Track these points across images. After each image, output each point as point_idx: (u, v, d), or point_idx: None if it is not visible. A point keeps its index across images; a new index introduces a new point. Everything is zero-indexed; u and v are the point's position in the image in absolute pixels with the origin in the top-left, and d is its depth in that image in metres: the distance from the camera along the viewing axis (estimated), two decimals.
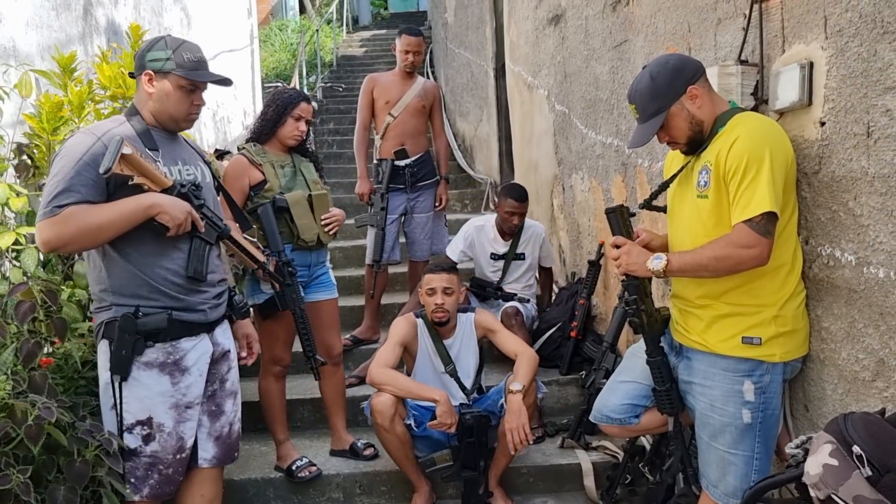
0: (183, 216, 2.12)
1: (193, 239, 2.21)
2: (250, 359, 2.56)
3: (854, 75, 1.73)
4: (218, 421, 2.35)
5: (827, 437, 1.25)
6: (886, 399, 1.71)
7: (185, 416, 2.21)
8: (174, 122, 2.25)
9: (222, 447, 2.37)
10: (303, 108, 3.10)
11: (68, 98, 2.87)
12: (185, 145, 2.37)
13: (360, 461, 3.23)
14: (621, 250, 2.11)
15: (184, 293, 2.20)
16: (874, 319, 1.73)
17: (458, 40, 8.43)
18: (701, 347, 2.08)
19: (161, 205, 2.08)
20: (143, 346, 2.13)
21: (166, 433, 2.17)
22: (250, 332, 2.58)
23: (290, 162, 3.11)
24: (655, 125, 2.03)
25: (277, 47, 13.36)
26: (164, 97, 2.20)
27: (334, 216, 3.14)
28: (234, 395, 2.42)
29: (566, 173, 4.31)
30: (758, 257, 1.86)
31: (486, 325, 3.20)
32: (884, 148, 1.65)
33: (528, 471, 3.18)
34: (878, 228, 1.69)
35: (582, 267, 4.01)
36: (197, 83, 2.22)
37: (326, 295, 3.24)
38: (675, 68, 2.01)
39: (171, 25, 5.68)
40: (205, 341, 2.27)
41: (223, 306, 2.36)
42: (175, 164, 2.25)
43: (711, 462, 2.08)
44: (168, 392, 2.17)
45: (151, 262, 2.15)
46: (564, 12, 4.06)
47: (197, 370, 2.23)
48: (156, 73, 2.18)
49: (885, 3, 1.61)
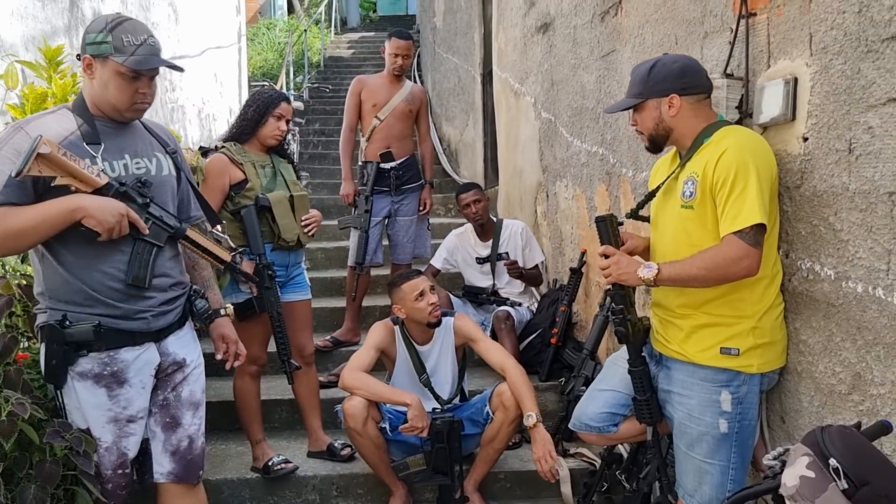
0: (114, 219, 1.92)
1: (136, 242, 2.03)
2: (229, 362, 2.38)
3: (837, 92, 1.76)
4: (174, 434, 2.17)
5: (804, 450, 1.27)
6: (862, 412, 1.73)
7: (128, 430, 2.06)
8: (117, 112, 2.04)
9: (180, 463, 2.17)
10: (284, 108, 3.12)
11: (52, 90, 2.84)
12: (140, 134, 2.16)
13: (337, 463, 3.22)
14: (610, 260, 2.11)
15: (122, 300, 2.03)
16: (851, 333, 1.75)
17: (447, 45, 8.44)
18: (680, 357, 2.09)
19: (86, 208, 1.89)
20: (75, 356, 1.99)
21: (104, 448, 2.04)
22: (226, 333, 2.37)
23: (269, 162, 3.13)
24: (628, 104, 2.12)
25: (265, 46, 13.31)
26: (103, 85, 1.99)
27: (313, 217, 3.16)
28: (196, 407, 2.22)
29: (551, 181, 4.33)
30: (748, 268, 1.88)
31: (466, 333, 3.14)
32: (865, 164, 1.68)
33: (505, 476, 3.18)
34: (858, 244, 1.71)
35: (564, 274, 4.02)
36: (138, 70, 1.97)
37: (301, 296, 3.25)
38: (675, 72, 2.04)
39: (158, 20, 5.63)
40: (149, 351, 2.10)
41: (174, 313, 2.17)
42: (120, 159, 2.05)
43: (688, 471, 2.10)
44: (104, 406, 2.03)
45: (87, 266, 1.99)
46: (553, 21, 4.09)
47: (139, 382, 2.07)
48: (94, 58, 1.97)
49: (869, 23, 1.64)
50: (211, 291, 2.40)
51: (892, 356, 1.62)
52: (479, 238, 4.15)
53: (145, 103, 2.06)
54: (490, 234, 4.13)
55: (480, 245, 4.15)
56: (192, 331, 2.31)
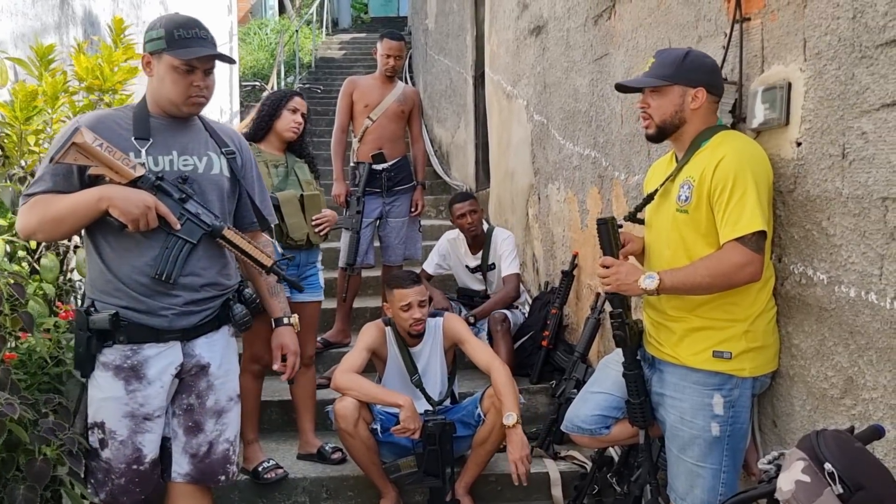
0: (138, 210, 1.94)
1: (168, 237, 2.05)
2: (286, 373, 2.35)
3: (831, 97, 1.76)
4: (195, 438, 2.16)
5: (799, 454, 1.27)
6: (854, 417, 1.74)
7: (144, 427, 2.06)
8: (175, 106, 2.08)
9: (198, 466, 2.17)
10: (297, 102, 3.18)
11: (43, 88, 2.82)
12: (196, 132, 2.17)
13: (327, 465, 3.21)
14: (610, 270, 2.09)
15: (146, 294, 2.04)
16: (844, 338, 1.76)
17: (439, 47, 8.44)
18: (673, 360, 2.09)
19: (111, 198, 1.93)
20: (100, 345, 2.03)
21: (118, 441, 2.05)
22: (286, 343, 2.34)
23: (283, 162, 3.14)
24: (651, 83, 2.03)
25: (256, 46, 13.27)
26: (160, 80, 2.05)
27: (325, 217, 3.16)
28: (220, 414, 2.20)
29: (542, 183, 4.33)
30: (752, 274, 1.88)
31: (455, 334, 3.12)
32: (858, 170, 1.68)
33: (495, 479, 3.18)
34: (851, 249, 1.72)
35: (555, 276, 4.02)
36: (191, 63, 2.02)
37: (312, 297, 3.24)
38: (708, 66, 2.04)
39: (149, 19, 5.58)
40: (173, 350, 2.09)
41: (203, 314, 2.14)
42: (167, 154, 2.08)
43: (680, 474, 2.10)
44: (121, 399, 2.04)
45: (119, 258, 2.04)
46: (546, 23, 4.09)
47: (158, 381, 2.07)
48: (151, 55, 2.05)
49: (863, 28, 1.65)
50: (275, 298, 2.38)
51: (884, 360, 1.63)
52: (470, 250, 4.16)
53: (201, 97, 2.09)
54: (480, 245, 4.12)
55: (470, 257, 4.16)
56: (229, 336, 2.27)
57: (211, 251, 2.15)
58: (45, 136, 2.88)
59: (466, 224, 4.05)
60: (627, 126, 3.00)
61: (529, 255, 4.67)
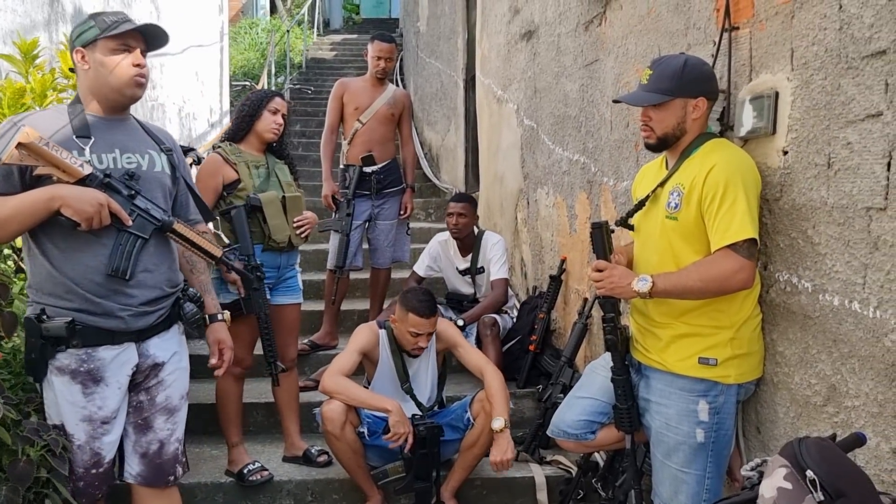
0: (92, 209, 1.91)
1: (119, 233, 2.02)
2: (222, 368, 2.36)
3: (818, 107, 1.78)
4: (144, 436, 2.15)
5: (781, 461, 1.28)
6: (836, 424, 1.75)
7: (102, 430, 2.04)
8: (117, 92, 2.05)
9: (149, 466, 2.16)
10: (278, 103, 3.14)
11: (31, 85, 2.80)
12: (133, 131, 2.17)
13: (312, 468, 3.20)
14: (603, 273, 2.09)
15: (102, 295, 2.01)
16: (827, 346, 1.78)
17: (430, 49, 8.45)
18: (659, 366, 2.10)
19: (63, 197, 1.90)
20: (54, 351, 1.99)
21: (76, 446, 2.03)
22: (222, 338, 2.36)
23: (264, 163, 3.12)
24: (653, 100, 2.02)
25: (246, 46, 13.24)
26: (98, 69, 2.03)
27: (306, 219, 3.14)
28: (171, 413, 2.19)
29: (531, 188, 4.34)
30: (744, 280, 1.90)
31: (449, 339, 3.13)
32: (843, 179, 1.70)
33: (481, 483, 3.18)
34: (835, 257, 1.73)
35: (543, 281, 4.03)
36: (128, 42, 2.03)
37: (292, 299, 3.22)
38: (706, 74, 2.05)
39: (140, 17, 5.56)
40: (128, 351, 2.07)
41: (157, 314, 2.14)
42: (109, 152, 2.06)
43: (664, 480, 2.11)
44: (79, 403, 2.02)
45: (69, 259, 1.99)
46: (537, 28, 4.10)
47: (115, 382, 2.05)
48: (85, 48, 2.03)
49: (849, 40, 1.66)
50: (208, 296, 2.39)
51: (866, 369, 1.65)
52: (460, 252, 4.17)
53: (142, 76, 2.07)
54: (469, 248, 4.13)
55: (460, 259, 4.17)
56: (180, 334, 2.28)
57: (160, 247, 2.15)
58: None
59: (452, 224, 4.07)
60: (616, 132, 3.01)
61: (518, 260, 4.68)
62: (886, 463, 1.60)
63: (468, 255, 4.13)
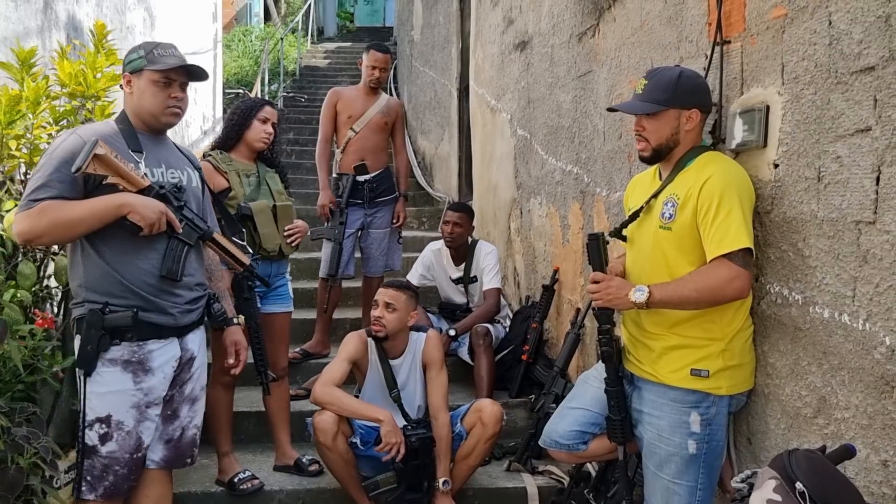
0: (155, 216, 2.13)
1: (170, 239, 2.23)
2: (238, 367, 2.57)
3: (808, 121, 1.80)
4: (171, 425, 2.33)
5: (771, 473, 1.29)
6: (826, 436, 1.76)
7: (146, 415, 2.21)
8: (154, 118, 2.26)
9: (171, 450, 2.35)
10: (268, 111, 3.13)
11: (25, 93, 2.79)
12: (173, 149, 2.41)
13: (303, 477, 3.18)
14: (600, 285, 2.10)
15: (155, 294, 2.21)
16: (818, 358, 1.79)
17: (424, 59, 8.48)
18: (651, 377, 2.11)
19: (132, 204, 2.11)
20: (109, 343, 2.14)
21: (125, 432, 2.16)
22: (239, 340, 2.57)
23: (255, 171, 3.12)
24: (648, 109, 2.04)
25: (240, 53, 13.24)
26: (140, 95, 2.24)
27: (297, 227, 3.14)
28: (193, 402, 2.40)
29: (525, 197, 4.36)
30: (740, 289, 1.90)
31: (428, 357, 3.11)
32: (833, 193, 1.72)
33: (473, 493, 3.17)
34: (825, 270, 1.75)
35: (536, 291, 4.04)
36: (169, 76, 2.23)
37: (282, 307, 3.22)
38: (701, 86, 2.07)
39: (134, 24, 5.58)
40: (173, 345, 2.27)
41: (196, 312, 2.35)
42: (159, 167, 2.28)
43: (656, 491, 2.11)
44: (129, 391, 2.16)
45: (125, 260, 2.17)
46: (531, 39, 4.13)
47: (161, 373, 2.23)
48: (132, 75, 2.24)
49: (839, 55, 1.68)
50: (226, 301, 2.59)
51: (856, 381, 1.66)
52: (453, 261, 4.17)
53: (178, 108, 2.28)
54: (463, 258, 4.13)
55: (453, 267, 4.17)
56: (203, 333, 2.46)
57: (198, 255, 2.38)
58: (26, 142, 2.85)
59: (447, 232, 4.07)
60: (609, 143, 3.03)
61: (511, 269, 4.69)
62: (876, 475, 1.61)
63: (461, 265, 4.14)
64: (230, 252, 2.51)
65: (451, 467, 3.02)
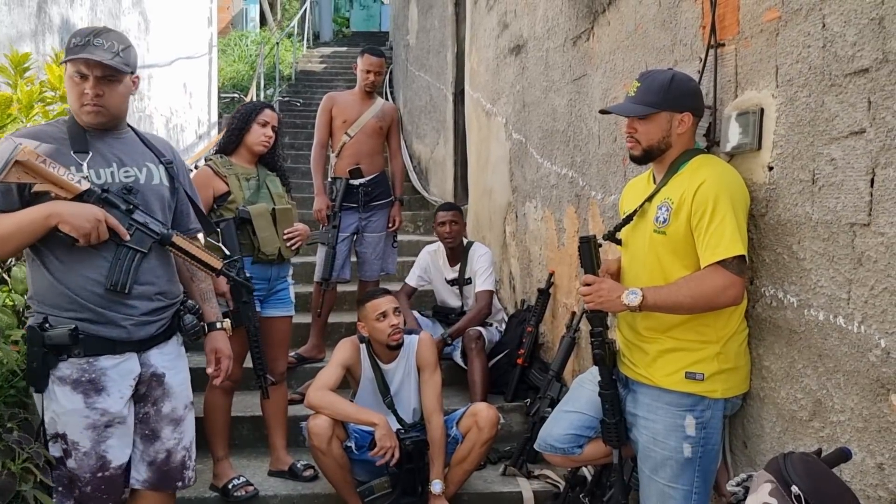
0: (90, 225, 1.93)
1: (118, 247, 2.04)
2: (220, 378, 2.39)
3: (802, 124, 1.80)
4: (152, 446, 2.18)
5: (767, 476, 1.28)
6: (822, 439, 1.76)
7: (106, 435, 2.05)
8: (77, 115, 2.05)
9: (156, 473, 2.19)
10: (267, 115, 3.14)
11: (17, 96, 2.78)
12: (132, 144, 2.17)
13: (298, 482, 3.17)
14: (592, 287, 2.09)
15: (104, 306, 2.03)
16: (813, 360, 1.78)
17: (419, 63, 8.48)
18: (646, 381, 2.10)
19: (60, 213, 1.91)
20: (56, 360, 1.99)
21: (82, 452, 2.03)
22: (220, 347, 2.38)
23: (255, 175, 3.12)
24: (640, 111, 2.04)
25: (236, 57, 13.24)
26: (67, 90, 2.04)
27: (297, 231, 3.13)
28: (177, 423, 2.22)
29: (520, 201, 4.35)
30: (734, 297, 1.91)
31: (422, 359, 3.10)
32: (827, 195, 1.71)
33: (468, 498, 3.16)
34: (820, 273, 1.74)
35: (531, 295, 4.03)
36: (80, 69, 1.98)
37: (282, 312, 3.21)
38: (693, 90, 2.07)
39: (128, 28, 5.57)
40: (130, 361, 2.09)
41: (158, 324, 2.15)
42: (107, 167, 2.07)
43: (652, 495, 2.11)
44: (81, 412, 2.02)
45: (70, 271, 2.01)
46: (526, 43, 4.13)
47: (117, 391, 2.05)
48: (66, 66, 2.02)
49: (833, 58, 1.68)
50: (208, 304, 2.40)
51: (851, 384, 1.65)
52: (449, 261, 4.17)
53: (90, 104, 2.02)
54: (458, 258, 4.13)
55: (448, 269, 4.17)
56: (179, 345, 2.28)
57: (160, 260, 2.17)
58: None
59: (445, 233, 4.06)
60: (604, 146, 3.03)
61: (506, 273, 4.68)
62: (871, 478, 1.60)
63: (457, 265, 4.13)
64: (196, 256, 2.24)
65: (446, 471, 3.01)
